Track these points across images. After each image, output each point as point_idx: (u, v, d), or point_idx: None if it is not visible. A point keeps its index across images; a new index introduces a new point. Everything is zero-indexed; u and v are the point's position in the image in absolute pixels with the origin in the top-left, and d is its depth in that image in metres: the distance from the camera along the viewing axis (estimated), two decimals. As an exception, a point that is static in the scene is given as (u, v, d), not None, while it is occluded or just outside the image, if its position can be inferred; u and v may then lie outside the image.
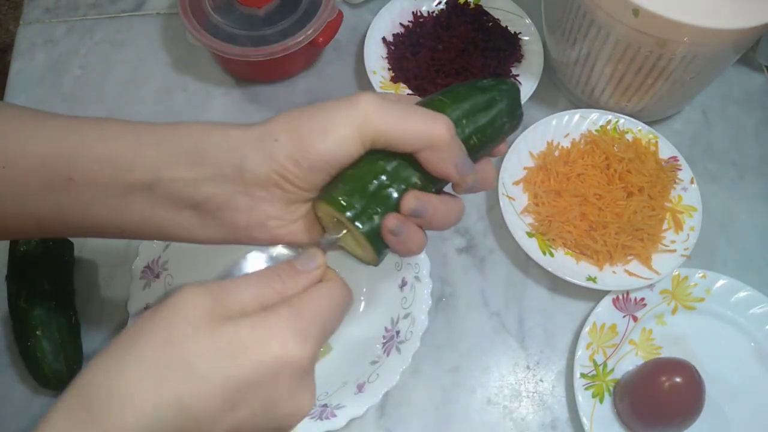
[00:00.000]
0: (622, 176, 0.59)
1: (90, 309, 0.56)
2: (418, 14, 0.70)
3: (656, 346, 0.56)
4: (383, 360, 0.51)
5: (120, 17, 0.72)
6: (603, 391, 0.53)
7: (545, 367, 0.56)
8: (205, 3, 0.64)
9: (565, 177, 0.60)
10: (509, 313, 0.58)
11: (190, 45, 0.69)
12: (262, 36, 0.62)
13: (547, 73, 0.68)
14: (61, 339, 0.51)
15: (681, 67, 0.56)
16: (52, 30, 0.71)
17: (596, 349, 0.55)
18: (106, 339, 0.55)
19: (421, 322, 0.52)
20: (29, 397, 0.52)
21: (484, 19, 0.69)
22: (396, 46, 0.68)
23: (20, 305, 0.51)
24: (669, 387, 0.49)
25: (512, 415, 0.54)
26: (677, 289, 0.58)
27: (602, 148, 0.61)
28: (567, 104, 0.69)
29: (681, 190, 0.61)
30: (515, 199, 0.60)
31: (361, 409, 0.49)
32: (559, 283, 0.58)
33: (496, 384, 0.55)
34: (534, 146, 0.62)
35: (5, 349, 0.54)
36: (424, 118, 0.34)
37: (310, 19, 0.62)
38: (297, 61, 0.67)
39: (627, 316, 0.57)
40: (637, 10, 0.51)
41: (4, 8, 1.46)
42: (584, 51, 0.60)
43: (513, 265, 0.60)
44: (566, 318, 0.58)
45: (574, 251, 0.58)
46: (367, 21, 0.69)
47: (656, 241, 0.58)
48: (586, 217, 0.57)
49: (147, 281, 0.52)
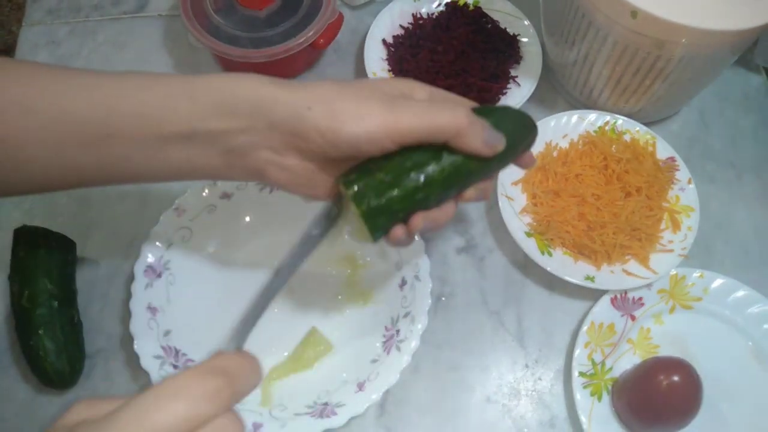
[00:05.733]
0: (620, 177, 0.59)
1: (92, 308, 0.56)
2: (417, 16, 0.71)
3: (654, 345, 0.57)
4: (383, 359, 0.52)
5: (122, 19, 0.73)
6: (601, 389, 0.54)
7: (544, 365, 0.57)
8: (207, 5, 0.64)
9: (563, 177, 0.60)
10: (508, 312, 0.58)
11: (191, 46, 0.70)
12: (264, 38, 0.62)
13: (546, 75, 0.68)
14: (63, 338, 0.51)
15: (679, 68, 0.56)
16: (55, 31, 0.71)
17: (594, 348, 0.55)
18: (108, 338, 0.55)
19: (421, 321, 0.52)
20: (32, 396, 0.53)
21: (484, 20, 0.70)
22: (396, 48, 0.69)
23: (22, 304, 0.51)
24: (667, 386, 0.50)
25: (511, 414, 0.54)
26: (675, 288, 0.58)
27: (600, 149, 0.61)
28: (565, 105, 0.69)
29: (679, 190, 0.61)
30: (514, 200, 0.60)
31: (361, 407, 0.49)
32: (557, 283, 0.59)
33: (495, 382, 0.56)
34: (533, 147, 0.63)
35: (8, 348, 0.54)
36: (442, 111, 0.37)
37: (311, 20, 0.63)
38: (298, 62, 0.68)
39: (625, 315, 0.57)
40: (636, 11, 0.51)
41: (7, 9, 1.46)
42: (583, 52, 0.60)
43: (512, 265, 0.61)
44: (565, 317, 0.58)
45: (572, 251, 0.58)
46: (367, 23, 0.70)
47: (654, 241, 0.58)
48: (585, 217, 0.58)
49: (149, 280, 0.53)
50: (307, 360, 0.53)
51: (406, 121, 0.36)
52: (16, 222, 0.56)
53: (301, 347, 0.54)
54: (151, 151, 0.37)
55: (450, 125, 0.37)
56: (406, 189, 0.37)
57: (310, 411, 0.50)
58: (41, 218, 0.60)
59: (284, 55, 0.61)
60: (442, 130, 0.37)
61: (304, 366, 0.53)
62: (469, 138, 0.37)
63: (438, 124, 0.37)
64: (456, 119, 0.37)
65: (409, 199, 0.38)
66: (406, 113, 0.36)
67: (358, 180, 0.37)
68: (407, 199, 0.38)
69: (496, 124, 0.40)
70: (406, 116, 0.36)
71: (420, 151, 0.38)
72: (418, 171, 0.37)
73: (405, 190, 0.37)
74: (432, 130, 0.37)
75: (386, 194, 0.37)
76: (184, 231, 0.55)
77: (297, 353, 0.54)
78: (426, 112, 0.37)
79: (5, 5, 1.45)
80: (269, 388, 0.52)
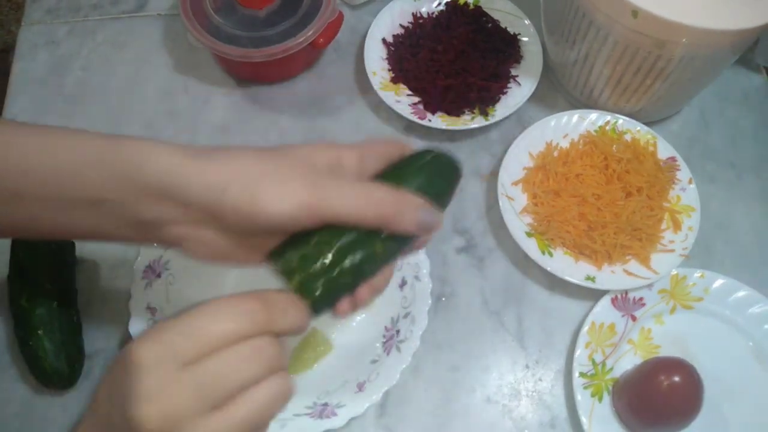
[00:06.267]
0: (621, 176, 0.59)
1: (91, 308, 0.56)
2: (417, 15, 0.70)
3: (655, 346, 0.57)
4: (383, 359, 0.52)
5: (121, 18, 0.73)
6: (602, 390, 0.54)
7: (544, 366, 0.56)
8: (206, 4, 0.64)
9: (564, 177, 0.60)
10: (508, 313, 0.58)
11: (191, 46, 0.70)
12: (263, 37, 0.62)
13: (546, 74, 0.68)
14: (62, 338, 0.51)
15: (679, 68, 0.56)
16: (54, 31, 0.71)
17: (595, 348, 0.55)
18: (107, 338, 0.55)
19: (421, 321, 0.52)
20: (31, 396, 0.53)
21: (484, 20, 0.70)
22: (396, 47, 0.68)
23: (22, 305, 0.51)
24: (667, 386, 0.50)
25: (511, 414, 0.54)
26: (676, 288, 0.58)
27: (601, 149, 0.61)
28: (566, 105, 0.69)
29: (679, 190, 0.61)
30: (514, 200, 0.60)
31: (361, 407, 0.49)
32: (558, 283, 0.59)
33: (495, 383, 0.56)
34: (533, 147, 0.63)
35: (7, 349, 0.54)
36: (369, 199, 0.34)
37: (311, 20, 0.63)
38: (297, 62, 0.68)
39: (626, 315, 0.57)
40: (636, 11, 0.51)
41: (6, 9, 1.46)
42: (583, 52, 0.60)
43: (512, 265, 0.60)
44: (565, 317, 0.58)
45: (572, 251, 0.58)
46: (367, 22, 0.70)
47: (655, 241, 0.58)
48: (585, 217, 0.58)
49: (149, 281, 0.53)
50: (307, 360, 0.53)
51: (332, 206, 0.33)
52: (15, 222, 0.56)
53: (301, 347, 0.54)
54: (59, 213, 0.36)
55: (377, 216, 0.34)
56: (348, 271, 0.35)
57: (310, 411, 0.50)
58: (40, 218, 0.60)
59: (284, 54, 0.61)
60: (370, 219, 0.34)
61: (304, 366, 0.53)
62: (400, 225, 0.35)
63: (364, 215, 0.34)
64: (381, 209, 0.34)
65: (351, 279, 0.36)
66: (331, 196, 0.33)
67: (299, 269, 0.35)
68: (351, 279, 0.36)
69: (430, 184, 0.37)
70: (331, 201, 0.33)
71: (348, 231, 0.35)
72: (357, 250, 0.35)
73: (347, 272, 0.35)
74: (360, 218, 0.34)
75: (330, 282, 0.35)
76: (184, 231, 0.55)
77: (297, 353, 0.54)
78: (351, 198, 0.34)
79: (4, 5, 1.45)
80: (269, 388, 0.52)
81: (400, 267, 0.55)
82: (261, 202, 0.33)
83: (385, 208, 0.34)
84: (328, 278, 0.34)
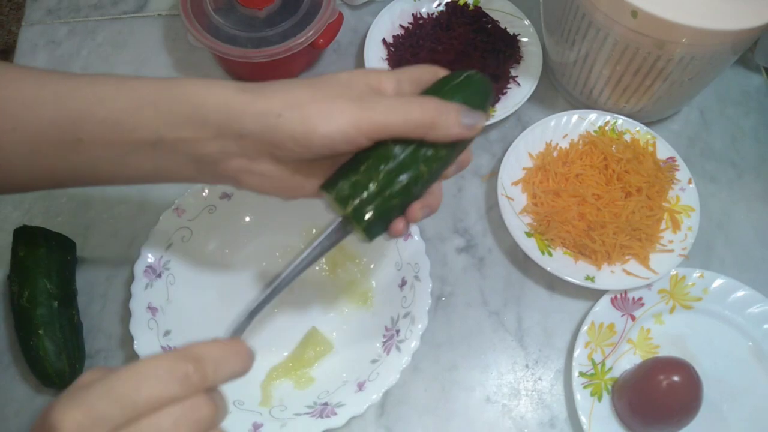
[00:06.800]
0: (621, 176, 0.59)
1: (92, 308, 0.56)
2: (417, 16, 0.71)
3: (654, 345, 0.57)
4: (383, 359, 0.52)
5: (121, 18, 0.73)
6: (601, 389, 0.54)
7: (544, 365, 0.57)
8: (207, 4, 0.64)
9: (563, 177, 0.60)
10: (508, 312, 0.58)
11: (191, 46, 0.70)
12: (263, 37, 0.62)
13: (546, 74, 0.68)
14: (63, 338, 0.51)
15: (679, 68, 0.56)
16: (54, 31, 0.71)
17: (594, 348, 0.55)
18: (107, 338, 0.55)
19: (421, 321, 0.52)
20: (31, 396, 0.53)
21: (484, 20, 0.70)
22: (396, 48, 0.69)
23: (22, 305, 0.51)
24: (667, 386, 0.50)
25: (511, 414, 0.54)
26: (675, 288, 0.58)
27: (600, 149, 0.61)
28: (565, 105, 0.69)
29: (679, 190, 0.61)
30: (514, 200, 0.60)
31: (361, 407, 0.49)
32: (557, 283, 0.59)
33: (495, 382, 0.56)
34: (533, 147, 0.63)
35: (7, 348, 0.54)
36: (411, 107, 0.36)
37: (311, 20, 0.63)
38: (298, 62, 0.68)
39: (625, 315, 0.57)
40: (636, 11, 0.51)
41: (6, 9, 1.46)
42: (583, 52, 0.60)
43: (512, 265, 0.61)
44: (565, 317, 0.58)
45: (572, 251, 0.58)
46: (367, 22, 0.70)
47: (654, 241, 0.58)
48: (585, 217, 0.58)
49: (149, 281, 0.53)
50: (307, 360, 0.53)
51: (378, 119, 0.35)
52: (15, 222, 0.56)
53: (301, 347, 0.54)
54: (119, 156, 0.37)
55: (422, 121, 0.36)
56: (398, 192, 0.37)
57: (310, 411, 0.50)
58: (41, 218, 0.60)
59: (284, 54, 0.61)
60: (415, 126, 0.36)
61: (304, 366, 0.53)
62: (444, 129, 0.37)
63: (410, 121, 0.36)
64: (426, 114, 0.36)
65: (401, 200, 0.38)
66: (377, 110, 0.36)
67: (351, 196, 0.37)
68: (400, 201, 0.38)
69: (467, 100, 0.39)
70: (378, 114, 0.35)
71: (398, 146, 0.37)
72: (404, 172, 0.37)
73: (397, 194, 0.37)
74: (406, 127, 0.36)
75: (381, 205, 0.37)
76: (184, 231, 0.55)
77: (297, 353, 0.54)
78: (396, 108, 0.36)
79: (5, 5, 1.45)
80: (269, 388, 0.52)
81: (401, 267, 0.55)
82: (314, 123, 0.35)
83: (430, 112, 0.36)
84: (380, 202, 0.37)
